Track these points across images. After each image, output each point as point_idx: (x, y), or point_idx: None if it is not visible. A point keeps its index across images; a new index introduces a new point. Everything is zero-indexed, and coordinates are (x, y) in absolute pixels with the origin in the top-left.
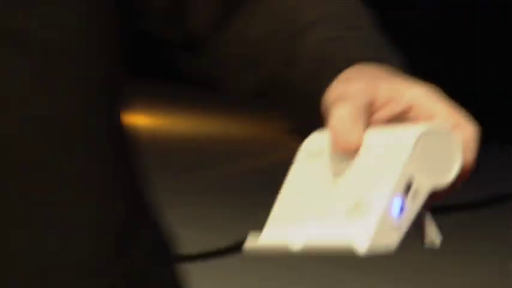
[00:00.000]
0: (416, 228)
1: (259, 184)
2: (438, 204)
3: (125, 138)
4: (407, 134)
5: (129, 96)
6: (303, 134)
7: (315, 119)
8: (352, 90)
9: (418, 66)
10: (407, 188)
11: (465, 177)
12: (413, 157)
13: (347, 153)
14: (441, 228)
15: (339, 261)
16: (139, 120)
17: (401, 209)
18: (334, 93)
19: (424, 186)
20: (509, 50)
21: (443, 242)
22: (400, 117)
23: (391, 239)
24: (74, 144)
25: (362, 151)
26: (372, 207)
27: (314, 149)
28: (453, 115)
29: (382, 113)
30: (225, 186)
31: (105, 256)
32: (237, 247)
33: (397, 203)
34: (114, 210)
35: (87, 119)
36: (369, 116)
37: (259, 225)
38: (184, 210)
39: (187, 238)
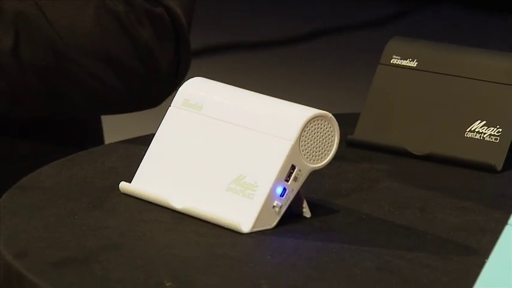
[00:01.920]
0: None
1: None
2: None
3: None
4: (292, 120)
5: None
6: None
7: None
8: None
9: None
10: (290, 173)
11: None
12: (295, 147)
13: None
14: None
15: None
16: None
17: (283, 192)
18: None
19: (304, 170)
20: None
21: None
22: None
23: (272, 219)
24: None
25: (247, 122)
26: (256, 190)
27: (191, 98)
28: None
29: None
30: None
31: None
32: None
33: (279, 187)
34: None
35: None
36: None
37: None
38: None
39: None
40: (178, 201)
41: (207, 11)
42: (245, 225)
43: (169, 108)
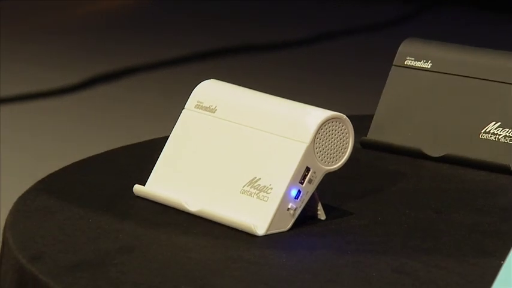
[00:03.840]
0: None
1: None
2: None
3: None
4: (307, 123)
5: None
6: None
7: None
8: None
9: None
10: (304, 175)
11: None
12: (310, 149)
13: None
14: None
15: None
16: None
17: (298, 194)
18: None
19: (319, 172)
20: None
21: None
22: None
23: (287, 221)
24: None
25: (261, 124)
26: (271, 192)
27: (205, 100)
28: None
29: None
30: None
31: None
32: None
33: (294, 189)
34: None
35: None
36: None
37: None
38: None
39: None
40: (193, 204)
41: (219, 13)
42: (260, 227)
43: (183, 110)
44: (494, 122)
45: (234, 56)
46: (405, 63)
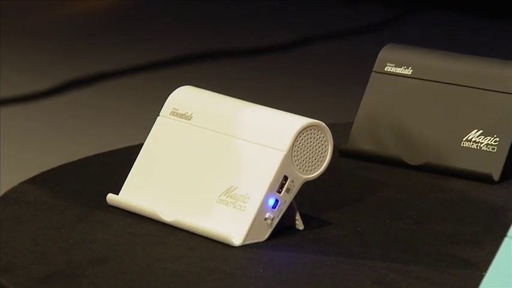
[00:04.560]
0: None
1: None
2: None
3: None
4: (284, 130)
5: None
6: None
7: None
8: None
9: None
10: (282, 184)
11: None
12: (288, 157)
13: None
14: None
15: None
16: None
17: (275, 204)
18: None
19: (297, 181)
20: None
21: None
22: None
23: (264, 231)
24: None
25: (238, 132)
26: (248, 202)
27: (180, 107)
28: None
29: None
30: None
31: None
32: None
33: (271, 199)
34: None
35: None
36: None
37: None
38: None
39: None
40: (168, 214)
41: (196, 17)
42: (236, 238)
43: (158, 117)
44: (476, 130)
45: (212, 61)
46: (385, 69)
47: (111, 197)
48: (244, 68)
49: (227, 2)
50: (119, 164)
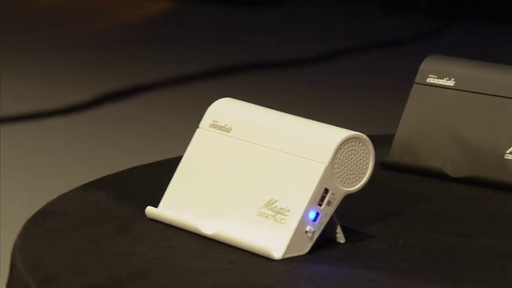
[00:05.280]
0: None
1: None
2: None
3: None
4: (325, 142)
5: None
6: None
7: None
8: None
9: None
10: (323, 197)
11: None
12: (329, 169)
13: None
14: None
15: None
16: None
17: (316, 217)
18: None
19: (338, 194)
20: None
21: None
22: None
23: (305, 245)
24: None
25: (278, 144)
26: (288, 215)
27: (220, 119)
28: None
29: None
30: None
31: None
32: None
33: (312, 212)
34: None
35: None
36: None
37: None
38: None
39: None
40: (208, 227)
41: (234, 29)
42: (277, 251)
43: (197, 130)
44: None
45: (250, 73)
46: (427, 81)
47: (150, 210)
48: (281, 80)
49: (265, 14)
50: (157, 176)
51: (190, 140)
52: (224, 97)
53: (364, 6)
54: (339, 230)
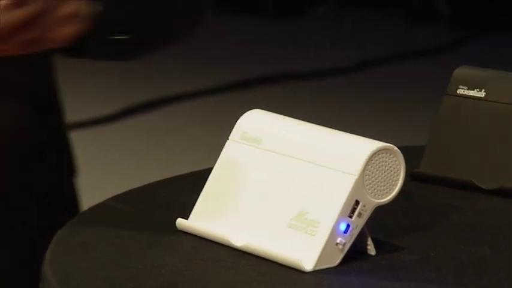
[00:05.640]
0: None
1: None
2: None
3: None
4: (356, 154)
5: None
6: None
7: None
8: None
9: None
10: (354, 208)
11: None
12: (359, 181)
13: None
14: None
15: None
16: None
17: (347, 228)
18: None
19: (369, 206)
20: None
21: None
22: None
23: (336, 257)
24: None
25: (308, 155)
26: (319, 227)
27: (250, 131)
28: None
29: None
30: None
31: None
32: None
33: (343, 223)
34: None
35: None
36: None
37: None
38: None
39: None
40: (238, 239)
41: (262, 40)
42: (308, 263)
43: (228, 141)
44: None
45: (278, 84)
46: (458, 92)
47: (180, 222)
48: (310, 91)
49: (293, 26)
50: (188, 188)
51: (220, 152)
52: (254, 108)
53: (389, 16)
54: (369, 241)
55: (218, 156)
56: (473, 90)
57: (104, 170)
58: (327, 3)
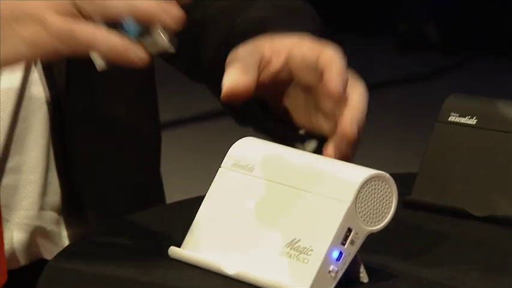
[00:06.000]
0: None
1: None
2: None
3: None
4: (348, 182)
5: None
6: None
7: None
8: (240, 52)
9: None
10: (346, 236)
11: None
12: (352, 209)
13: (233, 99)
14: None
15: None
16: None
17: (339, 256)
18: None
19: (361, 233)
20: None
21: None
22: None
23: (328, 284)
24: None
25: (301, 183)
26: (312, 254)
27: (242, 159)
28: (318, 48)
29: (269, 68)
30: None
31: None
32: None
33: (335, 251)
34: None
35: None
36: (258, 71)
37: None
38: None
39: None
40: (231, 267)
41: None
42: None
43: (219, 169)
44: None
45: None
46: (449, 119)
47: (173, 250)
48: None
49: None
50: (180, 216)
51: (212, 180)
52: (246, 136)
53: (378, 44)
54: (362, 269)
55: (210, 184)
56: (465, 117)
57: None
58: None
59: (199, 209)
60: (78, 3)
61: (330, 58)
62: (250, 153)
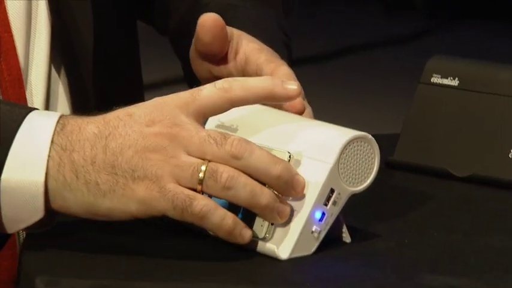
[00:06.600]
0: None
1: None
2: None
3: None
4: (331, 143)
5: None
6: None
7: None
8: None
9: None
10: (329, 197)
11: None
12: (334, 170)
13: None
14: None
15: None
16: None
17: (322, 217)
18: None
19: (344, 194)
20: None
21: None
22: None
23: (311, 244)
24: None
25: (283, 144)
26: (294, 216)
27: (226, 120)
28: (273, 64)
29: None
30: None
31: None
32: None
33: (318, 212)
34: None
35: None
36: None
37: None
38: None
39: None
40: None
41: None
42: (283, 251)
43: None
44: None
45: None
46: (432, 80)
47: None
48: None
49: None
50: None
51: None
52: None
53: (363, 5)
54: (344, 229)
55: None
56: (447, 78)
57: None
58: None
59: None
60: (204, 182)
61: (283, 76)
62: (233, 114)
